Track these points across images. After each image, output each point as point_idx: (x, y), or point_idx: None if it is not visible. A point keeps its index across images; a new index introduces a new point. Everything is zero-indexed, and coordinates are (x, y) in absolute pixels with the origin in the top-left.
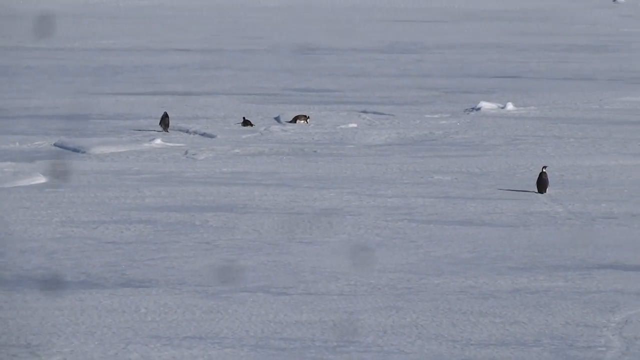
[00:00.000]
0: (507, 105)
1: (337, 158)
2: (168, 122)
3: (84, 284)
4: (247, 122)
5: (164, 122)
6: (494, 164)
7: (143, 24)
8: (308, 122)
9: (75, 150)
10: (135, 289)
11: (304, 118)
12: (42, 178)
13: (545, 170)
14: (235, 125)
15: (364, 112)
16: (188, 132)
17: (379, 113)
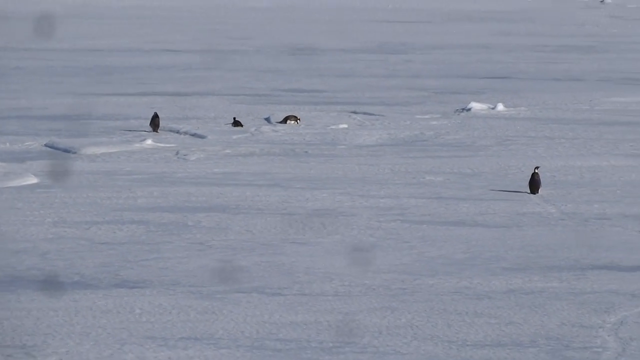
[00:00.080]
0: (497, 106)
1: (328, 159)
2: (158, 122)
3: (78, 285)
4: (237, 122)
5: (154, 122)
6: (486, 165)
7: (131, 25)
8: (299, 122)
9: (66, 151)
10: (130, 290)
11: (295, 118)
12: (33, 178)
13: (538, 171)
14: (226, 126)
15: (354, 112)
16: (178, 132)
17: (370, 114)
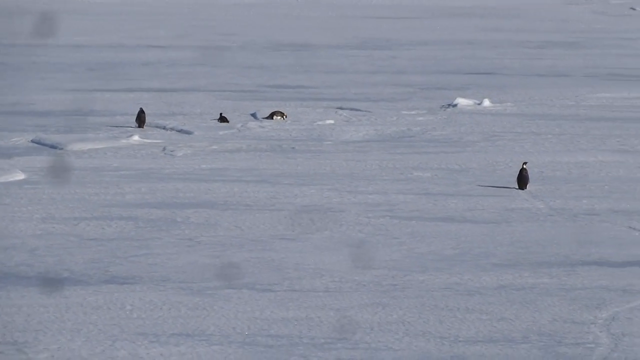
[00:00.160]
0: (483, 102)
1: (315, 154)
2: (144, 118)
3: (68, 281)
4: (223, 118)
5: (140, 118)
6: (473, 161)
7: (115, 21)
8: (285, 118)
9: (53, 147)
10: (120, 286)
11: (281, 114)
12: (21, 174)
13: (526, 167)
14: (212, 122)
15: (341, 108)
16: (165, 128)
17: (356, 109)
